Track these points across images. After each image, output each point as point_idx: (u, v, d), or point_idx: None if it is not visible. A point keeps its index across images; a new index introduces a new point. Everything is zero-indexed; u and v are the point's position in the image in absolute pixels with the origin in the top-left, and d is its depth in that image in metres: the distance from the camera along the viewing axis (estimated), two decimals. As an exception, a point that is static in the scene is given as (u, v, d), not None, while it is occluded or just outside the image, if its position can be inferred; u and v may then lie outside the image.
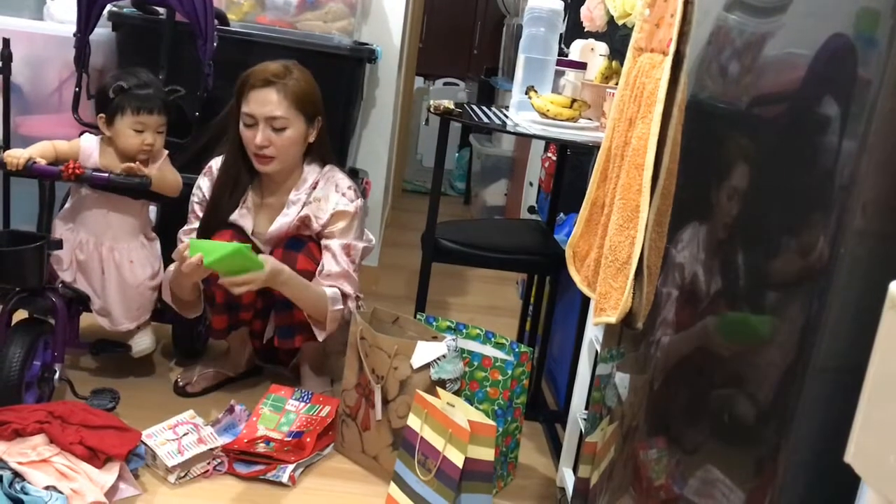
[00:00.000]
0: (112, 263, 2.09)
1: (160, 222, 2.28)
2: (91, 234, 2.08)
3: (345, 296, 2.08)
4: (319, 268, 2.08)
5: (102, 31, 2.44)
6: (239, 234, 2.12)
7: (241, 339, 2.28)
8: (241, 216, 2.14)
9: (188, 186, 2.17)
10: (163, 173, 2.07)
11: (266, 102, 2.03)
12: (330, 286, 2.06)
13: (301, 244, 2.09)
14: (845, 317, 0.82)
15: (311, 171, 2.14)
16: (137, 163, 2.00)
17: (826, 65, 0.89)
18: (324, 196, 2.11)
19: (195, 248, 1.87)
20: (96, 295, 2.11)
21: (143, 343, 2.20)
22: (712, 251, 1.11)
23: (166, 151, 2.12)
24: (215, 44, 2.21)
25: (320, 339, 2.11)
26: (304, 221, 2.10)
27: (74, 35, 2.21)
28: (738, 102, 1.09)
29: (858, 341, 0.74)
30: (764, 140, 1.02)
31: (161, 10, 2.40)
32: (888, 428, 0.64)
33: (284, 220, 2.11)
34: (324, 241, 2.10)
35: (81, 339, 2.18)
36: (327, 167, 2.16)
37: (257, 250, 2.06)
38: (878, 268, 0.79)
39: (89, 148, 2.05)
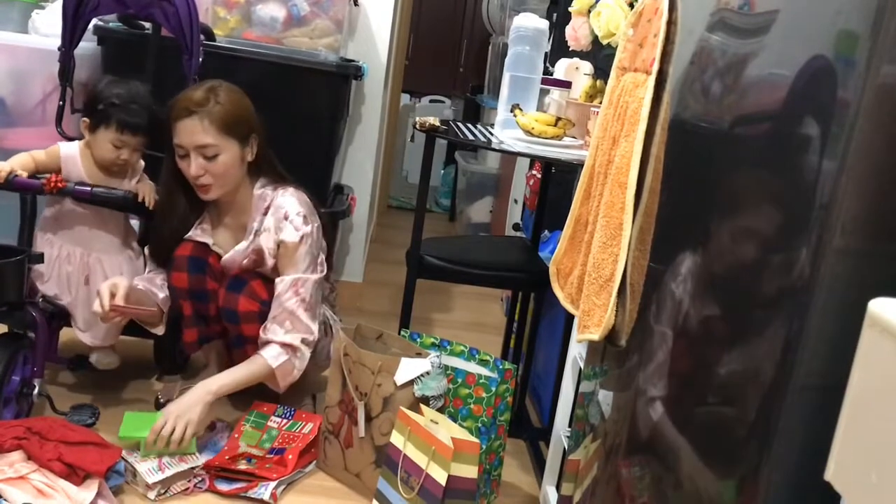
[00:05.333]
0: (100, 274, 2.07)
1: (143, 235, 2.26)
2: (77, 246, 2.07)
3: (287, 346, 2.00)
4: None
5: (88, 46, 2.44)
6: (199, 247, 2.11)
7: (218, 353, 2.26)
8: (198, 236, 2.12)
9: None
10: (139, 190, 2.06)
11: (192, 132, 1.96)
12: (269, 343, 2.00)
13: (242, 284, 2.06)
14: (826, 335, 0.82)
15: (261, 197, 2.07)
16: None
17: (806, 86, 0.90)
18: (273, 226, 2.04)
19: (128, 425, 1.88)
20: (80, 308, 2.08)
21: (109, 359, 2.18)
22: (694, 269, 1.11)
23: (142, 164, 2.13)
24: (201, 59, 2.21)
25: (280, 391, 2.09)
26: (258, 254, 2.07)
27: (59, 49, 2.20)
28: (720, 122, 1.11)
29: (839, 359, 0.74)
30: (745, 159, 1.03)
31: (147, 24, 2.40)
32: (868, 446, 0.64)
33: (239, 247, 2.08)
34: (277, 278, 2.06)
35: (60, 354, 2.15)
36: (279, 190, 2.07)
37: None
38: (857, 286, 0.79)
39: (72, 157, 2.04)
